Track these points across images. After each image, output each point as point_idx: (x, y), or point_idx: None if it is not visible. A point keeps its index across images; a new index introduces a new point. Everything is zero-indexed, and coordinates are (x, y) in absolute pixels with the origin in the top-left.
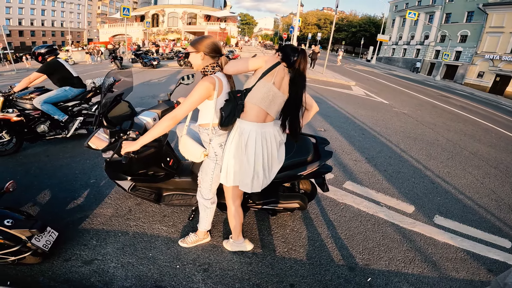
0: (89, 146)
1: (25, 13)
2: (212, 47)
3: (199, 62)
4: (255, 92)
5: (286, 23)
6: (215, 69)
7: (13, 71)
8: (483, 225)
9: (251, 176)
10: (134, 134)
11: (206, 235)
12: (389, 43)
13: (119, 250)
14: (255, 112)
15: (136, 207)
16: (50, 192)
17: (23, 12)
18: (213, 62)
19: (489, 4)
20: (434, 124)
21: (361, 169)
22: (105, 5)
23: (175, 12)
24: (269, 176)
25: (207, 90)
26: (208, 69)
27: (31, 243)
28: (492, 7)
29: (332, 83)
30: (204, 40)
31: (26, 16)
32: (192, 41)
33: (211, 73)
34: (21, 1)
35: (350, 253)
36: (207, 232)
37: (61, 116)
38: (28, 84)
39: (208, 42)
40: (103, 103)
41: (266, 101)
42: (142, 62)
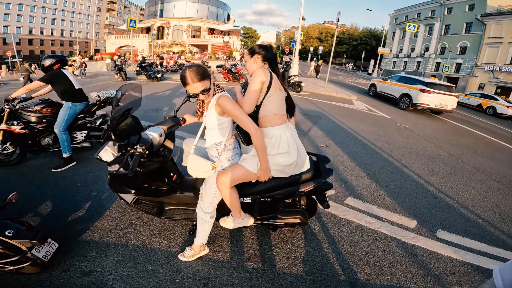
0: (99, 158)
1: (36, 21)
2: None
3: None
4: (272, 104)
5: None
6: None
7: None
8: (487, 238)
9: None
10: (141, 148)
11: (202, 247)
12: (390, 56)
13: (118, 263)
14: (278, 118)
15: (137, 220)
16: (52, 203)
17: (33, 20)
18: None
19: (487, 14)
20: (436, 138)
21: (363, 185)
22: (113, 16)
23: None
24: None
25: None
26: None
27: (31, 254)
28: (490, 17)
29: (334, 98)
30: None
31: (37, 25)
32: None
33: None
34: (33, 9)
35: (352, 268)
36: (204, 245)
37: (65, 152)
38: (27, 91)
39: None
40: (112, 117)
41: (282, 106)
42: (147, 74)
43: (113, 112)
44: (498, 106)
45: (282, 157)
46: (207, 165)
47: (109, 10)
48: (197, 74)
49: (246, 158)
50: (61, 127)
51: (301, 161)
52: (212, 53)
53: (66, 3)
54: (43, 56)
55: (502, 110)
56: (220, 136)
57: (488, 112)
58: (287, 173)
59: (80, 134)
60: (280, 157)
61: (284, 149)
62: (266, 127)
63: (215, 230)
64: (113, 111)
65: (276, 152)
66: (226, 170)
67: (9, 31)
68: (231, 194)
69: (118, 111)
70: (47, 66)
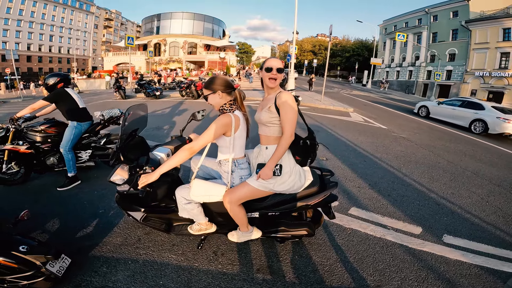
0: (113, 182)
1: (34, 38)
2: (225, 83)
3: (218, 100)
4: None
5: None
6: (233, 107)
7: (20, 98)
8: (494, 240)
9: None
10: (150, 169)
11: (209, 225)
12: (382, 66)
13: (129, 278)
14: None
15: (145, 236)
16: (60, 221)
17: (32, 37)
18: (230, 99)
19: (471, 20)
20: (434, 146)
21: (365, 195)
22: (110, 33)
23: (176, 41)
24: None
25: (224, 127)
26: (226, 107)
27: (45, 269)
28: (474, 23)
29: (331, 111)
30: (217, 79)
31: (35, 41)
32: (205, 84)
33: (229, 111)
34: (31, 25)
35: (361, 276)
36: (210, 223)
37: (71, 171)
38: (31, 110)
39: (221, 80)
40: (120, 138)
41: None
42: (146, 92)
43: (121, 133)
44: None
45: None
46: (223, 189)
47: (106, 27)
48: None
49: (253, 176)
50: (67, 146)
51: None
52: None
53: (63, 19)
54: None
55: None
56: (227, 153)
57: None
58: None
59: (84, 154)
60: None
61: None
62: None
63: (224, 244)
64: (121, 132)
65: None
66: (234, 189)
67: (7, 47)
68: (239, 211)
69: (126, 132)
70: (51, 85)
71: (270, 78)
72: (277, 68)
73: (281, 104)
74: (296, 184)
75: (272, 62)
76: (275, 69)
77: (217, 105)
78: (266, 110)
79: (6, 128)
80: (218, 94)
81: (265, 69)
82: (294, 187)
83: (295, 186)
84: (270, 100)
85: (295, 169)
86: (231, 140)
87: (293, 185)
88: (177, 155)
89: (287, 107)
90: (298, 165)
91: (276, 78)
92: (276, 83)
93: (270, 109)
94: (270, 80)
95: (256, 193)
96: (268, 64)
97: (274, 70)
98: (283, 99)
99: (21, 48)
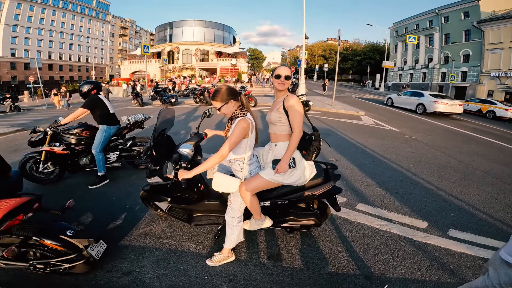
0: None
1: (55, 46)
2: (232, 91)
3: (231, 109)
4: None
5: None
6: (244, 111)
7: (44, 106)
8: (500, 235)
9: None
10: (185, 164)
11: (230, 253)
12: (395, 69)
13: (154, 264)
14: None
15: (168, 228)
16: (92, 215)
17: (53, 45)
18: (239, 104)
19: (482, 21)
20: (446, 147)
21: (373, 193)
22: (125, 42)
23: (188, 49)
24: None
25: (245, 130)
26: (238, 113)
27: (87, 252)
28: (486, 23)
29: (342, 115)
30: (224, 90)
31: (56, 50)
32: (212, 96)
33: (241, 115)
34: (51, 34)
35: (366, 264)
36: (231, 251)
37: (101, 171)
38: (74, 119)
39: (228, 90)
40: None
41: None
42: (161, 99)
43: (153, 131)
44: (497, 110)
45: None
46: (236, 182)
47: (121, 36)
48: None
49: (266, 169)
50: (98, 148)
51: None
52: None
53: (81, 28)
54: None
55: (501, 113)
56: (241, 152)
57: (488, 116)
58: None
59: (113, 155)
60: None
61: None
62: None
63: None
64: (155, 131)
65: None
66: (248, 180)
67: (30, 56)
68: (253, 200)
69: (157, 131)
70: (85, 92)
71: (278, 83)
72: (285, 75)
73: (289, 107)
74: (303, 176)
75: (281, 70)
76: (283, 77)
77: (229, 112)
78: (275, 111)
79: (44, 131)
80: (230, 103)
81: (275, 76)
82: (300, 180)
83: (302, 179)
84: (279, 102)
85: (302, 163)
86: (247, 142)
87: (300, 177)
88: (210, 160)
89: (294, 109)
90: (304, 160)
91: (284, 83)
92: (284, 87)
93: (278, 110)
94: (279, 84)
95: (267, 184)
96: (277, 72)
97: (282, 77)
98: (290, 103)
99: (43, 56)
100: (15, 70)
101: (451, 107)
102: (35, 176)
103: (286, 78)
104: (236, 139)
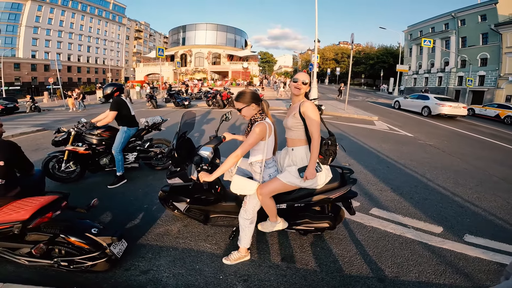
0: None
1: (73, 48)
2: (256, 96)
3: (251, 112)
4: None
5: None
6: (263, 115)
7: (63, 106)
8: None
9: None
10: (206, 166)
11: (247, 252)
12: (409, 72)
13: (171, 263)
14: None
15: (184, 228)
16: (111, 214)
17: (71, 47)
18: (259, 109)
19: (500, 24)
20: (462, 153)
21: (387, 198)
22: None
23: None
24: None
25: (262, 133)
26: (257, 117)
27: (109, 250)
28: (504, 26)
29: (355, 119)
30: (248, 93)
31: (74, 52)
32: (236, 98)
33: (260, 119)
34: (71, 36)
35: (379, 267)
36: (248, 250)
37: (119, 171)
38: (107, 122)
39: (252, 94)
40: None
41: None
42: (175, 102)
43: (177, 134)
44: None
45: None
46: (254, 184)
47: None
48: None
49: (283, 173)
50: (118, 148)
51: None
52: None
53: (99, 31)
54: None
55: None
56: (260, 155)
57: (506, 121)
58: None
59: (131, 156)
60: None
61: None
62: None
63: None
64: (179, 133)
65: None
66: (266, 183)
67: (50, 57)
68: (270, 202)
69: (179, 133)
70: (108, 93)
71: (295, 88)
72: (302, 81)
73: (305, 113)
74: (319, 180)
75: (299, 75)
76: (300, 81)
77: (249, 115)
78: (292, 117)
79: (68, 131)
80: (252, 106)
81: (293, 80)
82: (317, 183)
83: (318, 182)
84: (295, 108)
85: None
86: (265, 144)
87: (316, 181)
88: (227, 161)
89: (310, 116)
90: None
91: (300, 88)
92: (300, 92)
93: (295, 116)
94: (295, 89)
95: (285, 187)
96: (296, 76)
97: (300, 82)
98: (306, 109)
99: (62, 58)
100: (36, 72)
101: (455, 110)
102: (57, 175)
103: (303, 83)
104: (253, 140)
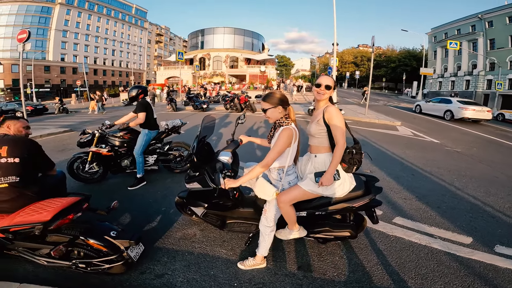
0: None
1: (100, 52)
2: (284, 99)
3: (277, 115)
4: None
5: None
6: (288, 120)
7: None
8: None
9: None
10: (229, 172)
11: (263, 260)
12: (434, 76)
13: (185, 267)
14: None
15: (200, 232)
16: (130, 215)
17: (98, 51)
18: (285, 113)
19: None
20: (492, 161)
21: (412, 206)
22: (161, 48)
23: (219, 56)
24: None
25: (289, 139)
26: (283, 121)
27: (127, 253)
28: None
29: (376, 124)
30: (277, 95)
31: (100, 55)
32: (264, 98)
33: (286, 124)
34: (97, 40)
35: (402, 278)
36: (264, 258)
37: (140, 173)
38: (136, 124)
39: (281, 96)
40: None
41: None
42: (194, 105)
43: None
44: None
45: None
46: (272, 191)
47: (157, 42)
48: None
49: (305, 180)
50: (139, 151)
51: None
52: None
53: (122, 34)
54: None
55: None
56: (282, 161)
57: None
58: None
59: (151, 158)
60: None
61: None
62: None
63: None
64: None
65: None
66: (287, 191)
67: (77, 61)
68: (290, 210)
69: (199, 138)
70: (133, 96)
71: (318, 92)
72: (325, 85)
73: (329, 120)
74: (342, 189)
75: (322, 79)
76: (323, 86)
77: (274, 118)
78: (315, 123)
79: (92, 133)
80: (278, 109)
81: (315, 85)
82: (339, 192)
83: (341, 191)
84: (319, 114)
85: (341, 176)
86: (289, 150)
87: (339, 190)
88: (255, 169)
89: (335, 123)
90: (343, 172)
91: (324, 94)
92: (323, 97)
93: (318, 122)
94: (318, 94)
95: (305, 195)
96: (319, 80)
97: (322, 86)
98: (331, 115)
99: (89, 61)
100: (64, 74)
101: (479, 113)
102: (81, 176)
103: (326, 88)
104: (281, 147)
